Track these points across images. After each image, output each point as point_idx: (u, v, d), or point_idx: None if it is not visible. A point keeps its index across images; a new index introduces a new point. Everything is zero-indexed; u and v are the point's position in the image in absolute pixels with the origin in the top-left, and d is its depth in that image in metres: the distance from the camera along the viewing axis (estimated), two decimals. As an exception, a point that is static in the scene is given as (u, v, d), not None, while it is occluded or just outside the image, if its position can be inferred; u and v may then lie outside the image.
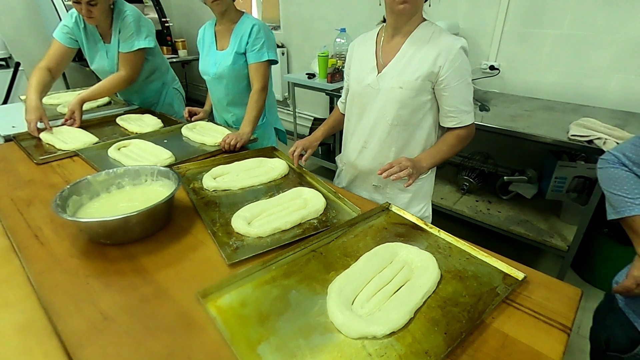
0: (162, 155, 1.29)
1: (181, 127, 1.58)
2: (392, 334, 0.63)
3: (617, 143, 1.43)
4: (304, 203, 1.01)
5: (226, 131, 1.51)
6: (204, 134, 1.52)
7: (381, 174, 0.98)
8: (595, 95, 2.01)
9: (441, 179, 2.39)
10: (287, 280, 0.76)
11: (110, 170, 1.01)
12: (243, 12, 1.56)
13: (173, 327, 0.66)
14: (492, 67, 2.27)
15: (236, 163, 1.25)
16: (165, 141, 1.48)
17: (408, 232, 0.92)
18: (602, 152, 1.43)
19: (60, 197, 0.87)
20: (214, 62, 1.59)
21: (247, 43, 1.50)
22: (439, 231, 0.91)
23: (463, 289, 0.73)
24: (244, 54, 1.53)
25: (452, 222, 2.10)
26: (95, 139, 1.46)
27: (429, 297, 0.71)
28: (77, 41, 1.68)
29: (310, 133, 3.09)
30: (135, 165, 1.05)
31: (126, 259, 0.82)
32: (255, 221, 0.94)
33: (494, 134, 1.74)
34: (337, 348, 0.61)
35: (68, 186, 0.91)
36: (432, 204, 1.33)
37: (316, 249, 0.86)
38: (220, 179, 1.16)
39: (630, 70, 1.88)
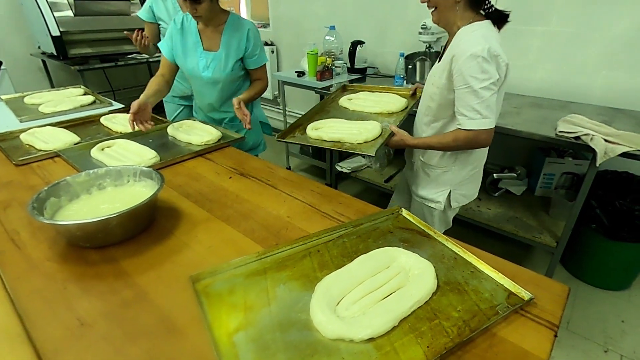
0: (146, 155, 1.26)
1: (167, 127, 1.55)
2: (371, 340, 0.61)
3: (604, 139, 1.44)
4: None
5: (213, 129, 1.48)
6: (190, 132, 1.49)
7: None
8: (582, 92, 2.02)
9: (431, 176, 2.39)
10: (279, 274, 0.76)
11: (91, 171, 0.98)
12: (228, 11, 1.53)
13: (153, 332, 0.64)
14: (481, 65, 2.27)
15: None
16: (150, 141, 1.44)
17: (413, 238, 0.89)
18: (589, 148, 1.44)
19: (37, 199, 0.84)
20: (205, 64, 1.53)
21: (246, 49, 1.52)
22: (446, 240, 0.87)
23: (459, 303, 0.69)
24: (241, 59, 1.55)
25: (443, 219, 2.10)
26: (77, 139, 1.42)
27: (419, 307, 0.68)
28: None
29: (300, 132, 3.07)
30: (117, 166, 1.02)
31: (106, 262, 0.80)
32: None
33: (483, 131, 1.73)
34: (310, 346, 0.60)
35: (46, 188, 0.88)
36: None
37: (314, 247, 0.85)
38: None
39: (616, 67, 1.90)
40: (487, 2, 1.12)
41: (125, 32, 1.97)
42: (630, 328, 1.66)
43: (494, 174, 2.18)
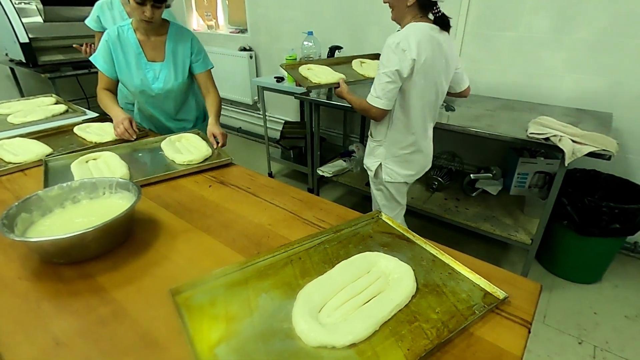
0: (116, 173, 1.19)
1: (163, 140, 1.44)
2: (353, 345, 0.62)
3: (572, 140, 1.50)
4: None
5: (204, 147, 1.38)
6: (184, 150, 1.38)
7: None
8: (551, 94, 2.11)
9: (411, 178, 2.44)
10: (260, 284, 0.76)
11: (64, 184, 0.95)
12: (168, 20, 1.53)
13: (132, 349, 0.63)
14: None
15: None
16: (139, 154, 1.38)
17: (393, 242, 0.90)
18: (558, 148, 1.51)
19: (6, 215, 0.81)
20: (154, 76, 1.51)
21: (192, 54, 1.54)
22: (425, 242, 0.89)
23: (438, 305, 0.71)
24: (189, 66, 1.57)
25: (423, 220, 2.15)
26: (49, 150, 1.37)
27: (399, 310, 0.69)
28: None
29: (281, 136, 3.07)
30: (92, 178, 1.00)
31: (82, 279, 0.78)
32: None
33: (460, 133, 1.79)
34: (293, 355, 0.60)
35: (16, 203, 0.85)
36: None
37: (295, 254, 0.85)
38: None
39: (582, 70, 1.99)
40: (435, 8, 1.34)
41: (73, 45, 2.07)
42: (602, 319, 1.74)
43: (471, 175, 2.25)
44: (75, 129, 1.60)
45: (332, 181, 2.53)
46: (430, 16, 1.36)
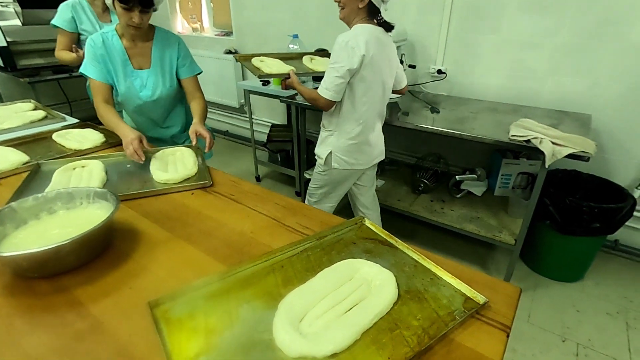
0: (91, 183, 1.16)
1: (158, 151, 1.39)
2: (334, 355, 0.62)
3: (552, 142, 1.53)
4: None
5: (191, 165, 1.29)
6: (171, 165, 1.30)
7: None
8: (532, 97, 2.15)
9: (397, 180, 2.45)
10: (242, 294, 0.75)
11: (39, 195, 0.93)
12: (154, 26, 1.48)
13: (108, 365, 0.61)
14: (439, 71, 2.37)
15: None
16: (128, 166, 1.32)
17: (376, 248, 0.90)
18: (539, 150, 1.53)
19: (-23, 229, 0.78)
20: (141, 84, 1.47)
21: (178, 59, 1.50)
22: (407, 248, 0.89)
23: (419, 311, 0.71)
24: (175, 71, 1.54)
25: (409, 222, 2.16)
26: (26, 158, 1.34)
27: (380, 318, 0.69)
28: None
29: (267, 139, 3.06)
30: (69, 188, 0.97)
31: (57, 292, 0.76)
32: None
33: (445, 136, 1.80)
34: None
35: (-12, 216, 0.83)
36: (389, 207, 2.11)
37: (278, 262, 0.84)
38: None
39: (563, 72, 2.03)
40: (379, 14, 1.50)
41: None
42: (585, 317, 1.77)
43: (457, 176, 2.27)
44: (54, 136, 1.57)
45: (320, 184, 2.53)
46: (376, 20, 1.52)
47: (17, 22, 2.96)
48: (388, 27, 1.54)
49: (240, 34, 3.44)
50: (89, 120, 1.81)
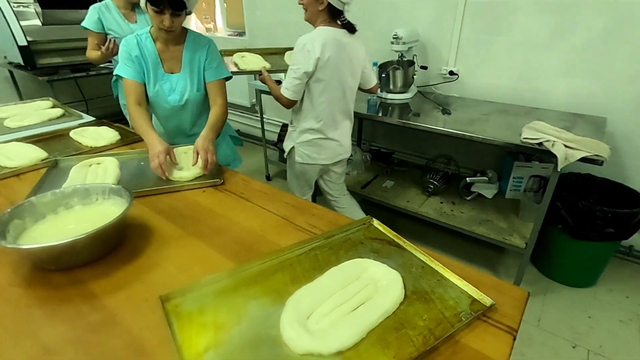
0: (106, 180, 1.18)
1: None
2: (340, 353, 0.63)
3: (565, 145, 1.51)
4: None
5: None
6: (184, 163, 1.32)
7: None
8: (545, 99, 2.12)
9: (407, 181, 2.45)
10: (250, 291, 0.77)
11: (57, 191, 0.96)
12: (186, 28, 1.45)
13: (122, 357, 0.63)
14: (451, 72, 2.35)
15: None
16: (142, 163, 1.34)
17: (384, 248, 0.91)
18: (552, 153, 1.51)
19: (-1, 222, 0.82)
20: (170, 88, 1.43)
21: (205, 61, 1.45)
22: (415, 249, 0.89)
23: (425, 312, 0.71)
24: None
25: (418, 223, 2.16)
26: (44, 155, 1.38)
27: (387, 317, 0.70)
28: None
29: (278, 139, 3.08)
30: (85, 184, 1.00)
31: (73, 285, 0.78)
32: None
33: (456, 138, 1.79)
34: None
35: (8, 210, 0.86)
36: (398, 208, 2.18)
37: (286, 260, 0.85)
38: None
39: (576, 74, 2.00)
40: (342, 16, 1.55)
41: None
42: (596, 323, 1.75)
43: (467, 178, 2.25)
44: (71, 133, 1.61)
45: (329, 184, 2.54)
46: (339, 22, 1.57)
47: (37, 22, 3.04)
48: (351, 28, 1.60)
49: (253, 34, 3.47)
50: (104, 118, 1.86)
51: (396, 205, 2.19)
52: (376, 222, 1.01)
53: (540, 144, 1.54)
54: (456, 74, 2.34)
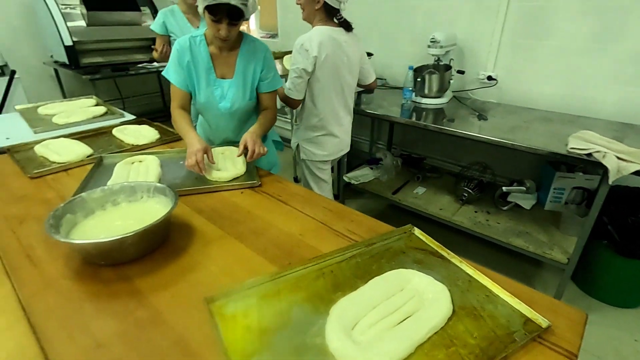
0: (150, 178, 1.21)
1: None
2: (387, 367, 0.61)
3: (617, 157, 1.42)
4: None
5: (240, 164, 1.32)
6: (221, 164, 1.32)
7: None
8: (593, 107, 2.01)
9: (439, 188, 2.39)
10: (293, 296, 0.76)
11: (106, 187, 0.99)
12: (242, 32, 1.39)
13: (168, 355, 0.64)
14: (490, 78, 2.28)
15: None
16: (181, 162, 1.34)
17: (427, 259, 0.88)
18: (601, 165, 1.43)
19: (53, 216, 0.85)
20: (221, 94, 1.39)
21: (262, 71, 1.40)
22: (460, 261, 0.86)
23: (475, 329, 0.68)
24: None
25: (451, 232, 2.09)
26: (90, 151, 1.44)
27: (435, 332, 0.67)
28: None
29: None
30: (131, 182, 1.03)
31: (121, 281, 0.80)
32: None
33: (493, 145, 1.73)
34: None
35: (62, 204, 0.89)
36: (431, 215, 2.14)
37: (327, 267, 0.84)
38: None
39: (628, 81, 1.89)
40: (338, 14, 1.62)
41: (151, 46, 2.35)
42: (643, 347, 1.63)
43: (503, 187, 2.17)
44: (114, 131, 1.67)
45: (357, 187, 2.51)
46: (335, 20, 1.63)
47: (82, 23, 3.19)
48: (348, 26, 1.67)
49: (286, 36, 3.50)
50: (139, 115, 1.93)
51: (429, 212, 2.14)
52: (417, 232, 0.99)
53: (590, 155, 1.46)
54: (495, 79, 2.27)
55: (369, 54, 2.65)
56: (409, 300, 0.74)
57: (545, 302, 0.76)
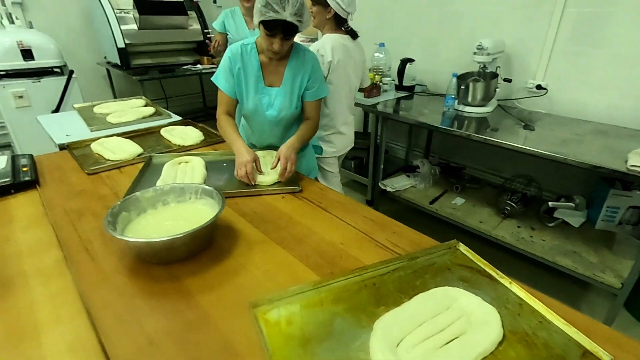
0: (194, 180, 1.24)
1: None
2: (437, 391, 0.59)
3: (685, 177, 1.31)
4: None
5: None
6: (263, 168, 1.33)
7: None
8: (655, 121, 1.87)
9: (479, 200, 2.30)
10: (335, 307, 0.76)
11: (157, 187, 1.03)
12: (294, 42, 1.38)
13: (216, 358, 0.65)
14: (539, 87, 2.17)
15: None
16: (224, 165, 1.40)
17: (474, 278, 0.85)
18: (666, 185, 1.32)
19: (111, 213, 0.90)
20: (268, 102, 1.40)
21: (308, 80, 1.40)
22: (510, 283, 0.82)
23: (528, 357, 0.64)
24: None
25: (491, 247, 2.01)
26: (140, 150, 1.51)
27: (484, 357, 0.64)
28: None
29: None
30: (181, 183, 1.07)
31: (170, 280, 0.83)
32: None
33: (539, 157, 1.64)
34: None
35: (119, 202, 0.94)
36: (470, 228, 2.11)
37: (370, 279, 0.84)
38: None
39: (697, 94, 1.74)
40: (346, 24, 1.77)
41: (206, 41, 2.65)
42: None
43: (549, 202, 2.06)
44: (162, 131, 1.75)
45: (393, 195, 2.48)
46: (343, 29, 1.78)
47: (134, 26, 3.37)
48: (354, 34, 1.82)
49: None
50: (182, 115, 2.03)
51: (468, 224, 2.07)
52: (463, 247, 0.95)
53: (653, 173, 1.35)
54: (545, 89, 2.16)
55: (410, 60, 2.62)
56: (456, 321, 0.72)
57: (604, 333, 0.71)
